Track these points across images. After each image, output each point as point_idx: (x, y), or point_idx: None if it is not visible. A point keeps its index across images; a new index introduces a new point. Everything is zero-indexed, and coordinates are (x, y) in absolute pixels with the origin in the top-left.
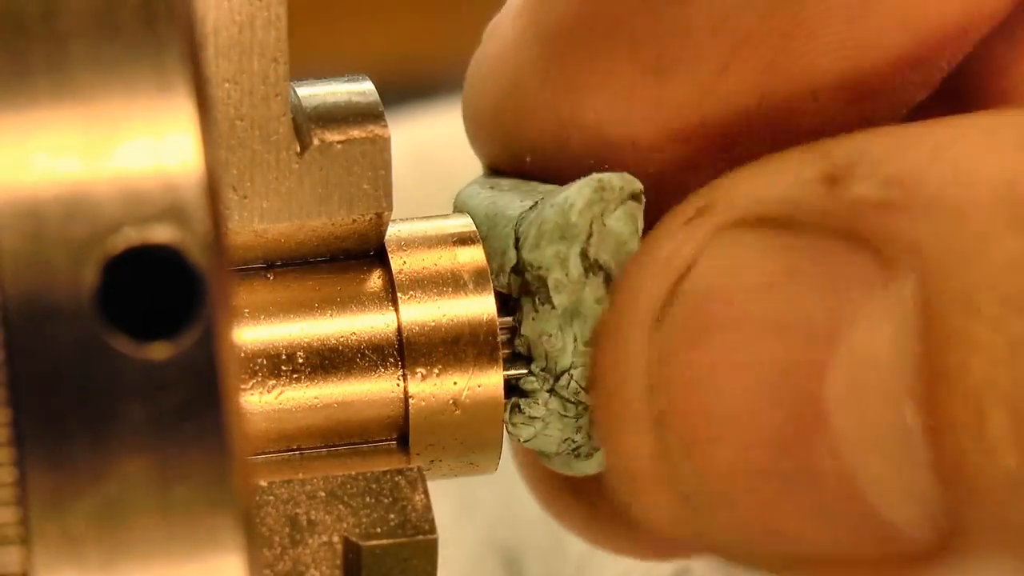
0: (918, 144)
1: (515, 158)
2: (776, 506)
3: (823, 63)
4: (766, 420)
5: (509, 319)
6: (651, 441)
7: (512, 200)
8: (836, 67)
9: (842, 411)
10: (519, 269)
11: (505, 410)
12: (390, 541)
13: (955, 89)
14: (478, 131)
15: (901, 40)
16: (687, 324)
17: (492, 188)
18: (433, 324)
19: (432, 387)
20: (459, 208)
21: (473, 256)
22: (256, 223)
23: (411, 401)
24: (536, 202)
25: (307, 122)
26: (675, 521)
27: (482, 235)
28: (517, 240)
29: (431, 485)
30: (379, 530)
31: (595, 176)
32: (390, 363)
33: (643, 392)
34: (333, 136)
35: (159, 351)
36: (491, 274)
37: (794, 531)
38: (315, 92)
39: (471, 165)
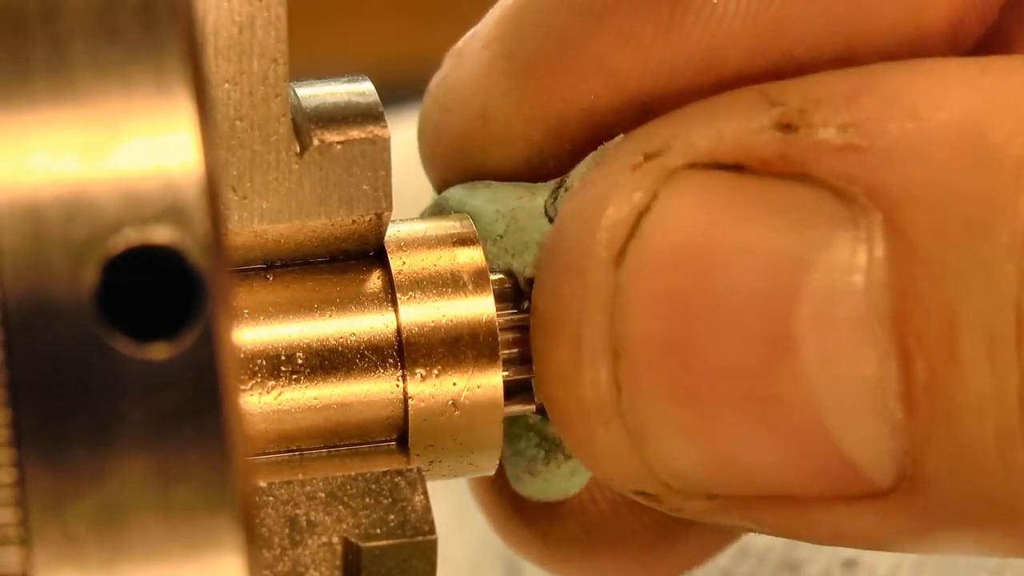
0: (874, 89)
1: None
2: (737, 436)
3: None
4: (732, 348)
5: (509, 318)
6: (606, 374)
7: (515, 194)
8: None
9: (810, 341)
10: None
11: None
12: (390, 542)
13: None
14: (437, 157)
15: None
16: (650, 257)
17: (488, 187)
18: (433, 325)
19: (431, 388)
20: (447, 211)
21: (472, 256)
22: (256, 223)
23: (410, 402)
24: (557, 186)
25: (307, 122)
26: (625, 457)
27: (498, 233)
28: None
29: (432, 485)
30: (379, 531)
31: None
32: (389, 364)
33: (603, 324)
34: (333, 136)
35: (159, 351)
36: (523, 267)
37: (752, 464)
38: (315, 92)
39: None
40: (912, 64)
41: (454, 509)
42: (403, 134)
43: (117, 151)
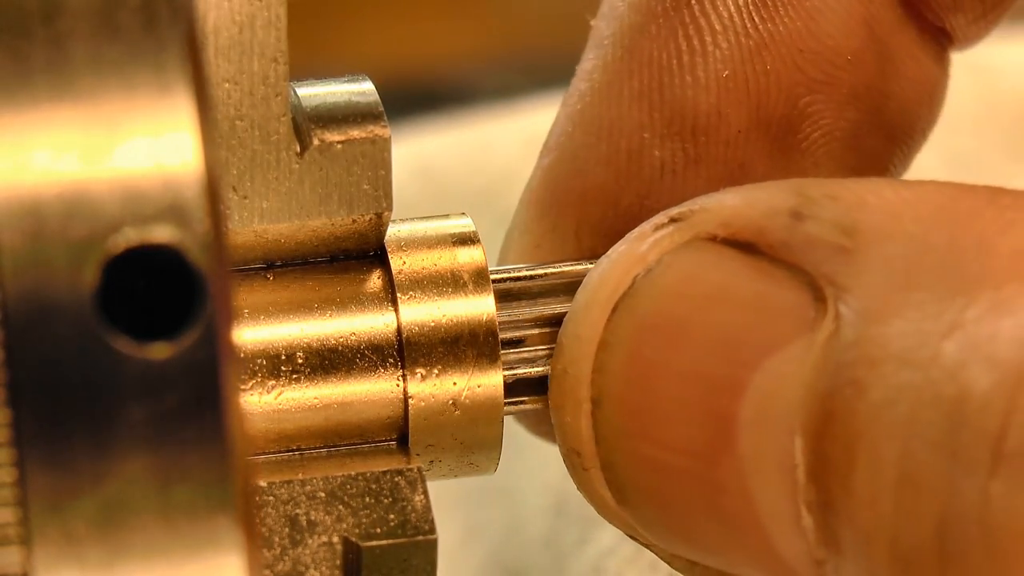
0: (881, 199)
1: None
2: (688, 511)
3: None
4: (684, 425)
5: (510, 317)
6: (589, 424)
7: None
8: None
9: (748, 434)
10: None
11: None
12: (390, 541)
13: None
14: None
15: None
16: (633, 317)
17: None
18: (433, 324)
19: (432, 387)
20: None
21: (473, 256)
22: (256, 223)
23: (411, 401)
24: None
25: (307, 122)
26: (610, 504)
27: None
28: None
29: (438, 506)
30: (379, 530)
31: None
32: (390, 363)
33: (587, 375)
34: (333, 136)
35: (159, 351)
36: None
37: (702, 540)
38: (315, 92)
39: (470, 179)
40: (922, 185)
41: (461, 529)
42: (403, 136)
43: (117, 150)
